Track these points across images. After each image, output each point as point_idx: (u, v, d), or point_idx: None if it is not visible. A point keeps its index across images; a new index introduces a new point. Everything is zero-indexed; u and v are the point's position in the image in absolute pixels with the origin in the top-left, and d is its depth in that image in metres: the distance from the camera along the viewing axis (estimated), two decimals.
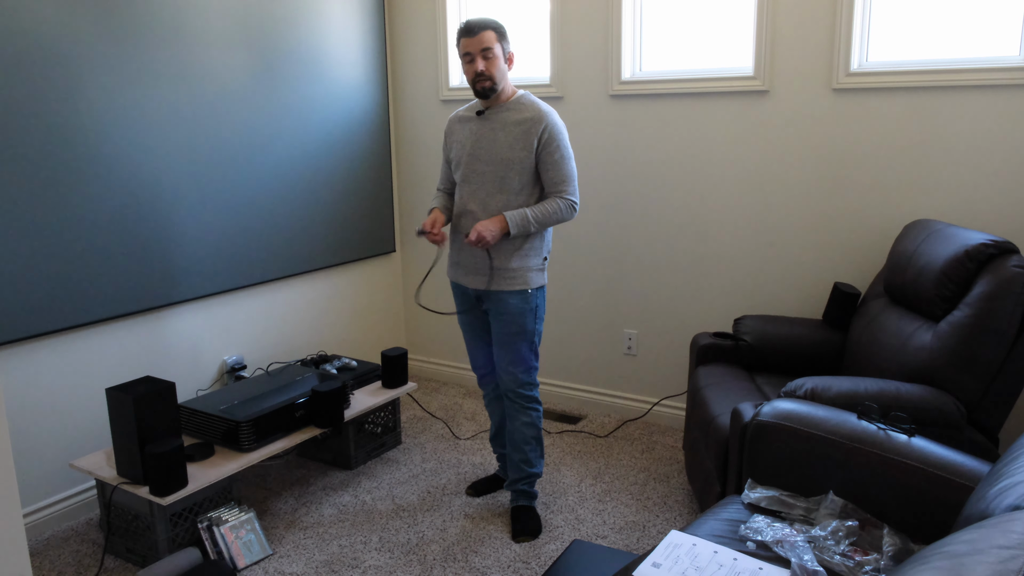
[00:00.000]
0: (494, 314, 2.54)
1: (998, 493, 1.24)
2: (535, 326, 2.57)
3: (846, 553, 1.64)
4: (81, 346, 2.65)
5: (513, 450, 2.64)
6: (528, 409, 2.62)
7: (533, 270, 2.53)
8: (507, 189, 2.49)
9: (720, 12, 3.06)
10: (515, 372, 2.56)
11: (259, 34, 3.08)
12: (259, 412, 2.60)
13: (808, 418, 1.88)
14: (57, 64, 2.45)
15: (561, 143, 2.48)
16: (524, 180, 2.48)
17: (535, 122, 2.46)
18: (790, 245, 3.04)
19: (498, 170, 2.48)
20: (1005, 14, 2.59)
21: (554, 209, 2.47)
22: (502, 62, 2.47)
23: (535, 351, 2.60)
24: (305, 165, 3.36)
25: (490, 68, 2.44)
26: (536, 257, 2.54)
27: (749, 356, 2.77)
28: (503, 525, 2.63)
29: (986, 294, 2.13)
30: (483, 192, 2.51)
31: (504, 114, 2.51)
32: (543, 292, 2.58)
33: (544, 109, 2.49)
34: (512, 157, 2.47)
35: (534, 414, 2.63)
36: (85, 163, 2.55)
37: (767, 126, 3.00)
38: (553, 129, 2.47)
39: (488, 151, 2.50)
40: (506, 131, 2.49)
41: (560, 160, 2.47)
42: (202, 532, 2.41)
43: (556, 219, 2.49)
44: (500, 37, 2.46)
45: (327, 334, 3.63)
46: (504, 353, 2.56)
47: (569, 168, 2.49)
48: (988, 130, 2.62)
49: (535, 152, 2.47)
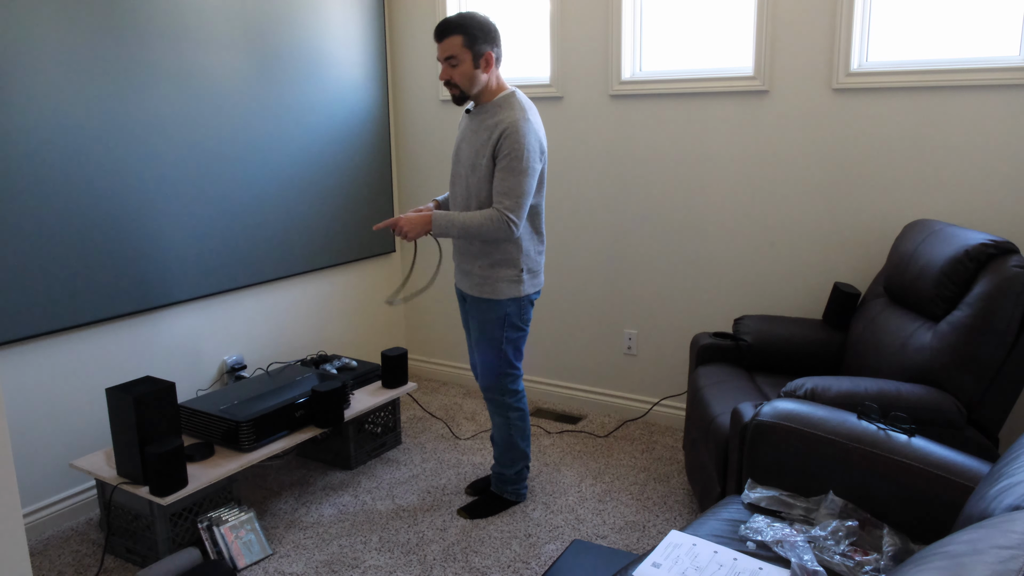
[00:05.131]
0: (471, 317, 2.58)
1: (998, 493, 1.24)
2: (504, 334, 2.51)
3: (846, 553, 1.64)
4: (81, 346, 2.65)
5: (494, 444, 2.75)
6: (498, 413, 2.65)
7: (504, 280, 2.45)
8: (478, 196, 2.40)
9: (720, 12, 3.06)
10: (486, 375, 2.60)
11: (260, 34, 3.08)
12: (259, 412, 2.60)
13: (808, 418, 1.88)
14: (57, 64, 2.45)
15: (514, 152, 2.27)
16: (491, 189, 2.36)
17: (497, 127, 2.31)
18: (790, 245, 3.04)
19: (470, 176, 2.41)
20: (1005, 14, 2.59)
21: (484, 221, 2.29)
22: (471, 67, 2.31)
23: (507, 359, 2.55)
24: (305, 165, 3.36)
25: (455, 76, 2.33)
26: (509, 268, 2.44)
27: (749, 356, 2.77)
28: (503, 525, 2.63)
29: (986, 294, 2.13)
30: (461, 197, 2.47)
31: (483, 116, 2.39)
32: (519, 303, 2.49)
33: (513, 114, 2.31)
34: (478, 164, 2.37)
35: (508, 417, 2.64)
36: (85, 162, 2.55)
37: (767, 126, 3.00)
38: (511, 136, 2.27)
39: (466, 154, 2.43)
40: (478, 135, 2.38)
41: (506, 170, 2.28)
42: (202, 532, 2.40)
43: (486, 232, 2.30)
44: (471, 40, 2.29)
45: (327, 334, 3.63)
46: (478, 355, 2.60)
47: (516, 181, 2.28)
48: (988, 130, 2.62)
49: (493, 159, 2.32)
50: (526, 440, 2.69)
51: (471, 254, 2.49)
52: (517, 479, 2.74)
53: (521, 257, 2.46)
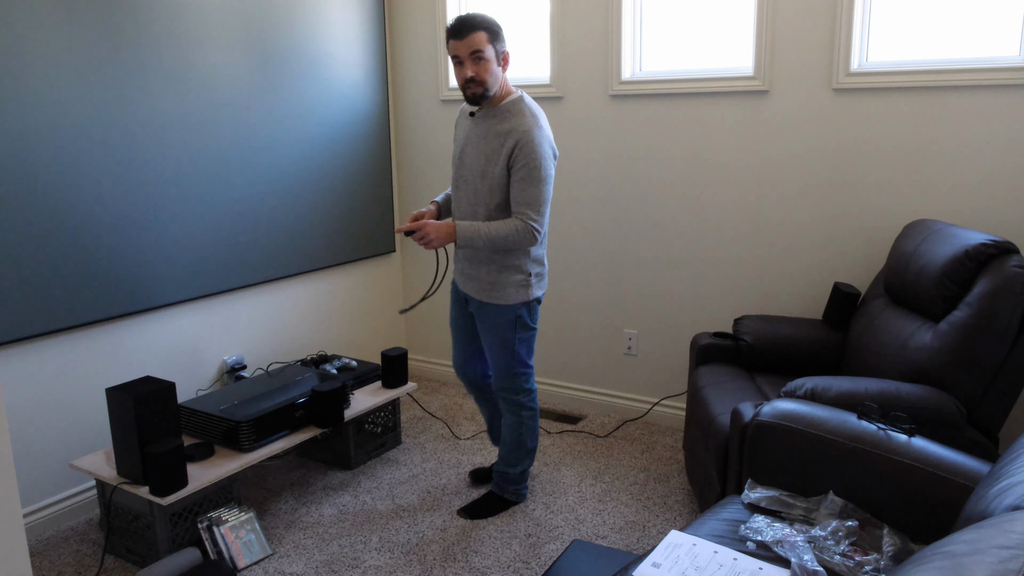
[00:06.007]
0: (478, 320, 2.58)
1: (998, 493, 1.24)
2: (516, 335, 2.53)
3: (846, 553, 1.64)
4: (81, 346, 2.65)
5: (501, 443, 2.74)
6: (511, 411, 2.66)
7: (512, 286, 2.46)
8: (487, 203, 2.39)
9: (720, 12, 3.06)
10: (500, 376, 2.61)
11: (260, 35, 3.08)
12: (259, 412, 2.60)
13: (808, 418, 1.88)
14: (58, 64, 2.45)
15: (531, 163, 2.27)
16: (502, 197, 2.36)
17: (510, 136, 2.30)
18: (790, 245, 3.04)
19: (479, 182, 2.39)
20: (1005, 14, 2.59)
21: (510, 231, 2.31)
22: (495, 65, 2.28)
23: (520, 359, 2.57)
24: (305, 165, 3.36)
25: (481, 72, 2.27)
26: (517, 274, 2.45)
27: (749, 356, 2.77)
28: (503, 525, 2.63)
29: (986, 294, 2.13)
30: (467, 203, 2.46)
31: (491, 121, 2.37)
32: (527, 306, 2.51)
33: (525, 122, 2.30)
34: (489, 171, 2.35)
35: (520, 416, 2.66)
36: (85, 162, 2.55)
37: (767, 126, 3.00)
38: (526, 146, 2.27)
39: (472, 160, 2.41)
40: (487, 141, 2.36)
41: (526, 180, 2.28)
42: (202, 532, 2.40)
43: (511, 242, 2.32)
44: (493, 37, 2.26)
45: (327, 334, 3.63)
46: (490, 357, 2.61)
47: (536, 191, 2.29)
48: (988, 130, 2.62)
49: (508, 168, 2.32)
50: (535, 440, 2.71)
51: (478, 260, 2.48)
52: (520, 479, 2.74)
53: (528, 262, 2.47)
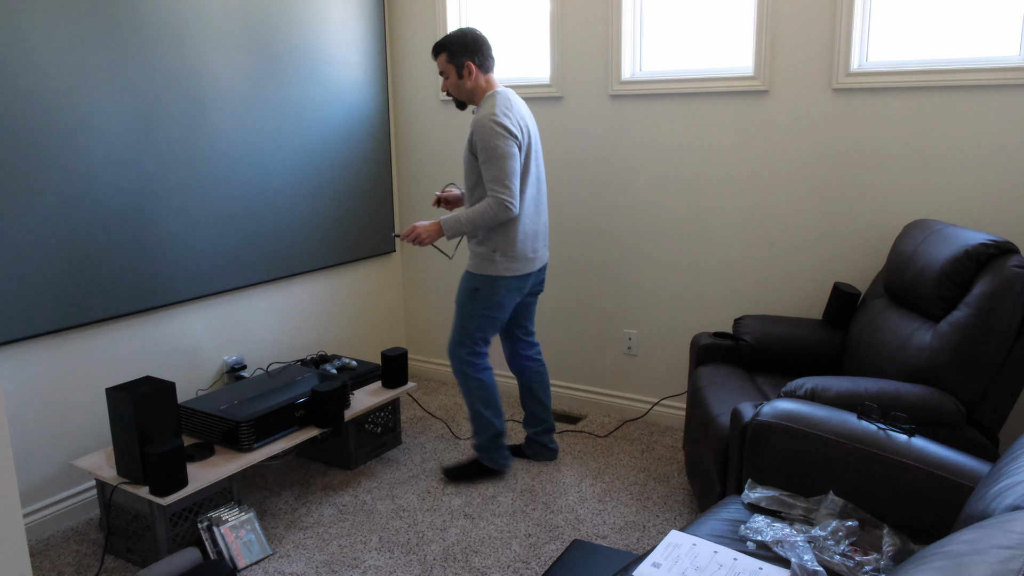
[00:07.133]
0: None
1: (998, 493, 1.24)
2: (471, 306, 2.73)
3: (846, 553, 1.64)
4: (81, 346, 2.65)
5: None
6: (458, 379, 2.86)
7: (478, 256, 2.71)
8: (468, 187, 2.70)
9: (720, 12, 3.06)
10: (450, 340, 2.83)
11: (260, 35, 3.08)
12: (259, 412, 2.60)
13: (808, 418, 1.88)
14: (59, 64, 2.45)
15: (485, 142, 2.55)
16: (474, 180, 2.66)
17: (472, 126, 2.61)
18: (790, 245, 3.04)
19: (466, 169, 2.69)
20: (1005, 14, 2.59)
21: (484, 208, 2.58)
22: (456, 78, 2.68)
23: (468, 332, 2.76)
24: (305, 165, 3.36)
25: (447, 87, 2.73)
26: (481, 246, 2.70)
27: (749, 356, 2.77)
28: (503, 525, 2.63)
29: (986, 294, 2.13)
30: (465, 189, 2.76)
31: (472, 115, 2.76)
32: (492, 282, 2.69)
33: (483, 111, 2.59)
34: (466, 158, 2.68)
35: (468, 386, 2.83)
36: (85, 162, 2.55)
37: (767, 126, 3.00)
38: (479, 131, 2.56)
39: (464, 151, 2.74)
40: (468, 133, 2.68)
41: (487, 162, 2.57)
42: (202, 532, 2.41)
43: (488, 218, 2.58)
44: (451, 56, 2.65)
45: (327, 334, 3.63)
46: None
47: (497, 168, 2.55)
48: (988, 130, 2.62)
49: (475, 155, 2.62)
50: (491, 410, 2.83)
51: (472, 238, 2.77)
52: (491, 447, 2.87)
53: (494, 237, 2.67)
